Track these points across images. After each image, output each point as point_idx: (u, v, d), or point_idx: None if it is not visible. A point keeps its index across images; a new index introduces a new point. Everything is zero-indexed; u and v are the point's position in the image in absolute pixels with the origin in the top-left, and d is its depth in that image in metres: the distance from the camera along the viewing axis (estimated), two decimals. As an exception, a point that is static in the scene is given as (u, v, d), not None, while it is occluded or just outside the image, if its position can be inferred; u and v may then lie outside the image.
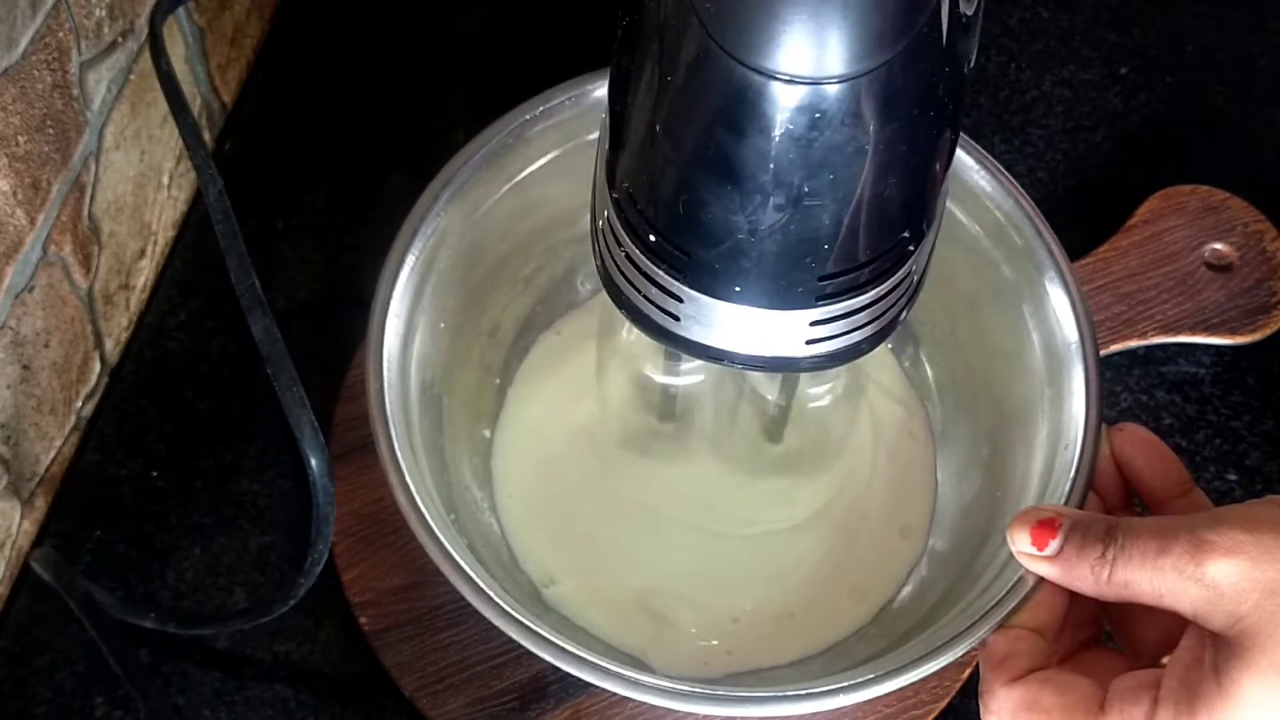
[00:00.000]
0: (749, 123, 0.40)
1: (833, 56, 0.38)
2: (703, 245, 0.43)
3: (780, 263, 0.43)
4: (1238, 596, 0.41)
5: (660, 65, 0.41)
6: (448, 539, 0.51)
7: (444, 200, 0.58)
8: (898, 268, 0.45)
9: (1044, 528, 0.46)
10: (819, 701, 0.49)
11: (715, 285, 0.44)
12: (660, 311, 0.46)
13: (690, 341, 0.47)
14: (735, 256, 0.43)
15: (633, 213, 0.44)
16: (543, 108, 0.60)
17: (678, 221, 0.43)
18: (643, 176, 0.44)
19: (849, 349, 0.47)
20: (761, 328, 0.45)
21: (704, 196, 0.42)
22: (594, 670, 0.49)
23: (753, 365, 0.47)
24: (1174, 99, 0.81)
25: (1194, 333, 0.70)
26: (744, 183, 0.41)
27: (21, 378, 0.61)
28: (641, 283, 0.46)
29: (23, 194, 0.58)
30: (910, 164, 0.42)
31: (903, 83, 0.40)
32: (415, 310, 0.57)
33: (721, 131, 0.40)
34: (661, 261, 0.44)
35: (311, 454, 0.51)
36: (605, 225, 0.47)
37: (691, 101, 0.41)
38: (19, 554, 0.64)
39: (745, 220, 0.42)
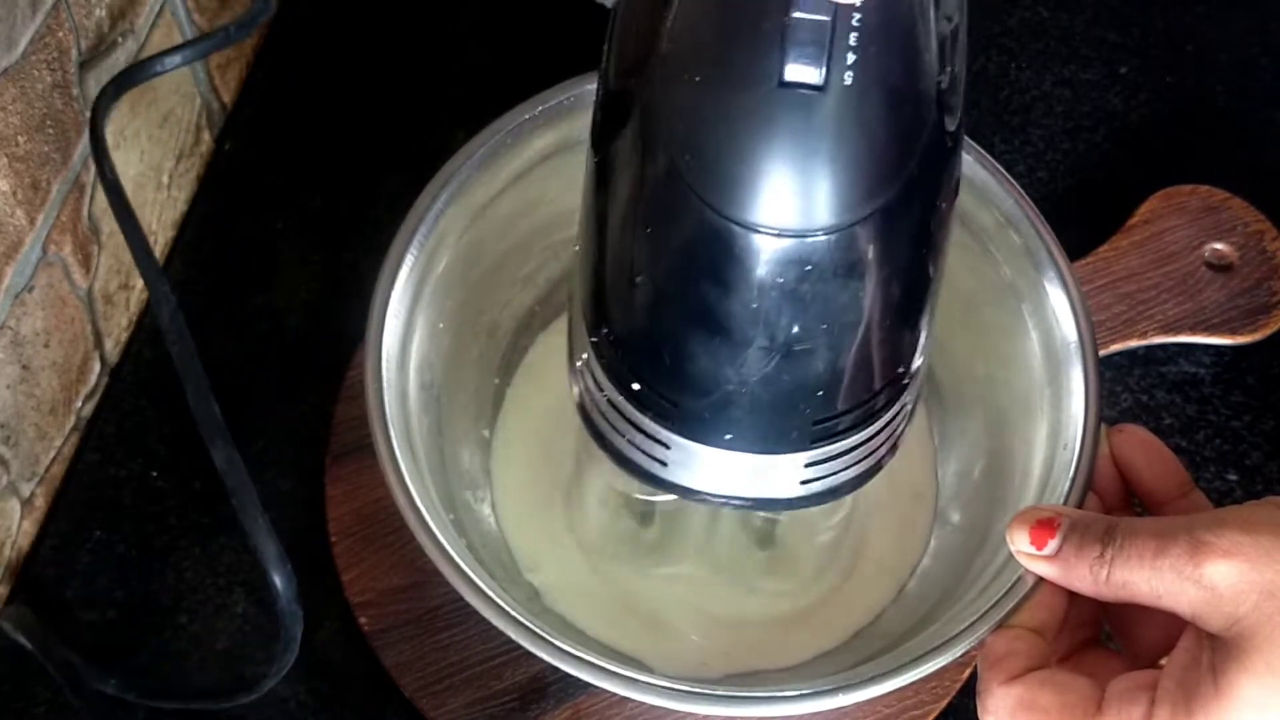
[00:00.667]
0: (737, 275, 0.38)
1: (822, 208, 0.37)
2: (691, 395, 0.42)
3: (773, 410, 0.42)
4: (1236, 598, 0.41)
5: (639, 215, 0.40)
6: (447, 539, 0.51)
7: (443, 200, 0.58)
8: (895, 401, 0.44)
9: (1043, 527, 0.46)
10: (819, 701, 0.49)
11: (705, 433, 0.43)
12: (646, 457, 0.45)
13: (678, 486, 0.45)
14: (725, 406, 0.42)
15: (614, 359, 0.43)
16: (541, 107, 0.60)
17: (663, 372, 0.42)
18: (624, 325, 0.42)
19: (845, 485, 0.46)
20: (754, 471, 0.44)
21: (691, 349, 0.40)
22: (593, 670, 0.49)
23: (743, 507, 0.46)
24: (1174, 99, 0.81)
25: (1194, 333, 0.70)
26: (733, 335, 0.40)
27: (21, 378, 0.61)
28: (625, 428, 0.45)
29: (22, 194, 0.58)
30: (905, 301, 0.41)
31: (895, 225, 0.39)
32: (414, 310, 0.57)
33: (708, 284, 0.39)
34: (647, 409, 0.43)
35: (279, 580, 0.51)
36: (584, 366, 0.46)
37: (675, 253, 0.39)
38: (19, 554, 0.64)
39: (735, 371, 0.41)
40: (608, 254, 0.42)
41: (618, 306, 0.43)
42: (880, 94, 0.37)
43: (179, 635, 0.63)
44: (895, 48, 0.37)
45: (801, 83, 0.36)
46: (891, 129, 0.38)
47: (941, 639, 0.50)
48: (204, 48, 0.63)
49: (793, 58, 0.36)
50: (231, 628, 0.63)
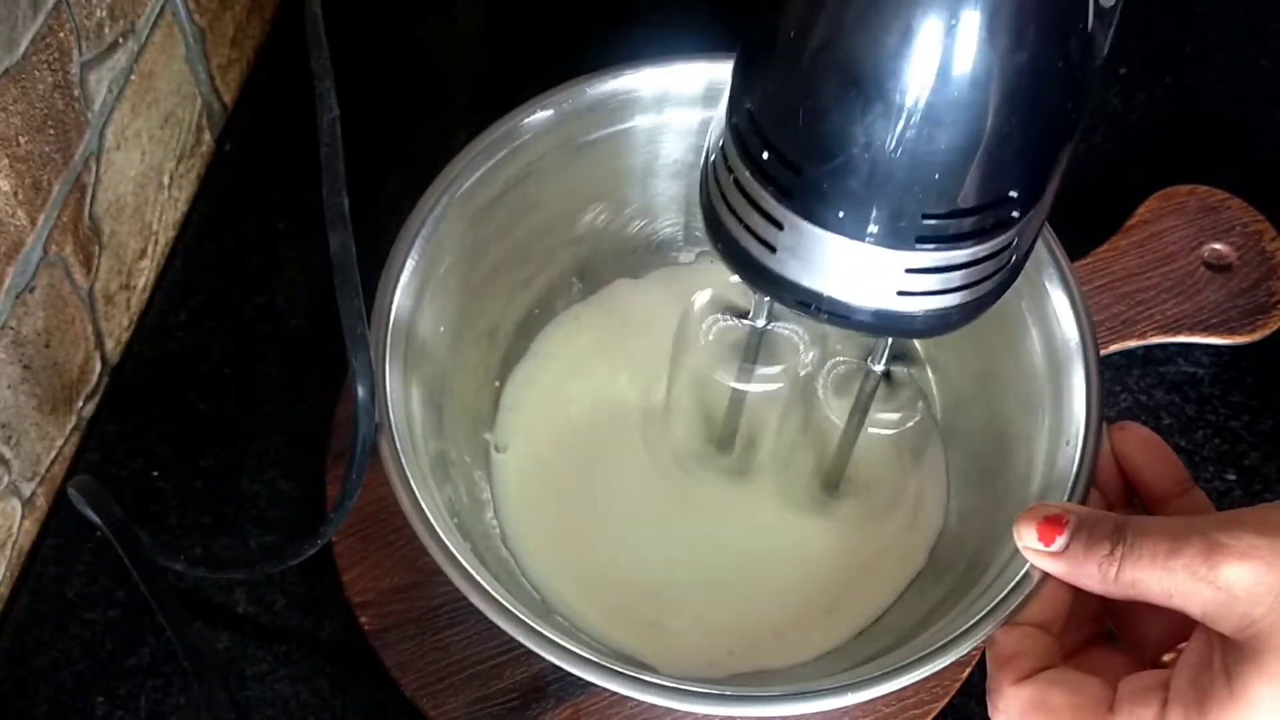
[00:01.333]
0: (882, 25, 0.39)
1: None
2: (815, 159, 0.42)
3: (888, 186, 0.42)
4: (1251, 600, 0.41)
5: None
6: (452, 543, 0.51)
7: (443, 203, 0.58)
8: (999, 230, 0.45)
9: (1051, 524, 0.46)
10: (820, 701, 0.49)
11: (819, 208, 0.43)
12: (758, 242, 0.46)
13: (783, 278, 0.46)
14: (845, 175, 0.42)
15: (749, 132, 0.44)
16: (540, 110, 0.60)
17: (794, 134, 0.42)
18: (766, 87, 0.43)
19: (938, 314, 0.46)
20: (856, 266, 0.44)
21: (825, 102, 0.41)
22: (597, 670, 0.49)
23: (840, 314, 0.46)
24: (1174, 99, 0.81)
25: (1193, 333, 0.70)
26: (867, 89, 0.40)
27: (22, 378, 0.61)
28: (744, 209, 0.45)
29: (24, 194, 0.58)
30: (1034, 109, 0.42)
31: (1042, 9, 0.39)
32: (416, 313, 0.57)
33: (854, 33, 0.40)
34: (769, 183, 0.44)
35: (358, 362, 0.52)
36: (718, 157, 0.46)
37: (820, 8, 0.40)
38: (20, 554, 0.64)
39: (862, 131, 0.41)
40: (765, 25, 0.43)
41: (764, 71, 0.43)
42: None
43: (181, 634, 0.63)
44: None
45: None
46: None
47: (946, 637, 0.49)
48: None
49: None
50: (232, 627, 0.63)
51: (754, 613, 0.62)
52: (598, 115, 0.61)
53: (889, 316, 0.46)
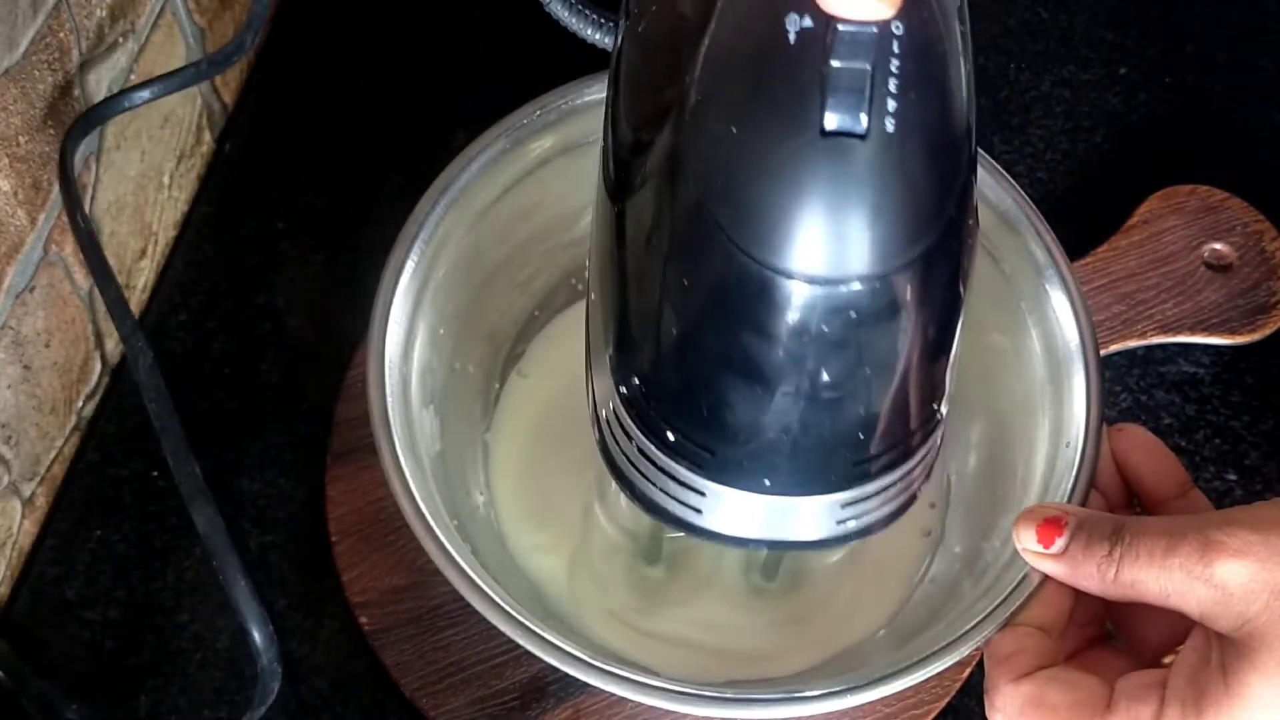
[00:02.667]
0: (780, 325, 0.38)
1: (866, 256, 0.37)
2: (729, 444, 0.41)
3: (812, 455, 0.41)
4: (1246, 598, 0.41)
5: (672, 267, 0.39)
6: (452, 545, 0.51)
7: (443, 205, 0.58)
8: (927, 438, 0.44)
9: (1050, 525, 0.46)
10: (821, 703, 0.49)
11: (742, 479, 0.42)
12: (680, 505, 0.44)
13: (713, 532, 0.45)
14: (764, 452, 0.41)
15: (645, 410, 0.42)
16: (540, 111, 0.60)
17: (700, 422, 0.41)
18: (657, 375, 0.42)
19: (881, 520, 0.46)
20: (791, 514, 0.44)
21: (731, 398, 0.40)
22: (595, 673, 0.49)
23: (781, 549, 0.45)
24: (1174, 99, 0.81)
25: (1193, 333, 0.70)
26: (774, 384, 0.39)
27: (22, 378, 0.61)
28: (658, 477, 0.44)
29: (24, 194, 0.58)
30: (942, 337, 0.41)
31: (935, 268, 0.38)
32: (415, 315, 0.57)
33: (748, 334, 0.38)
34: (681, 458, 0.43)
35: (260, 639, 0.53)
36: (611, 416, 0.45)
37: (715, 305, 0.39)
38: (20, 554, 0.64)
39: (775, 419, 0.40)
40: (634, 304, 0.42)
41: (648, 356, 0.42)
42: (921, 138, 0.37)
43: (180, 634, 0.63)
44: (933, 90, 0.37)
45: (844, 131, 0.36)
46: (933, 173, 0.37)
47: (947, 639, 0.49)
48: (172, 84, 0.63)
49: (833, 106, 0.35)
50: (232, 627, 0.63)
51: (751, 617, 0.62)
52: (596, 116, 0.60)
53: (829, 541, 0.45)
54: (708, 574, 0.63)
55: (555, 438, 0.66)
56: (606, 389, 0.45)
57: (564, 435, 0.66)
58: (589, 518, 0.63)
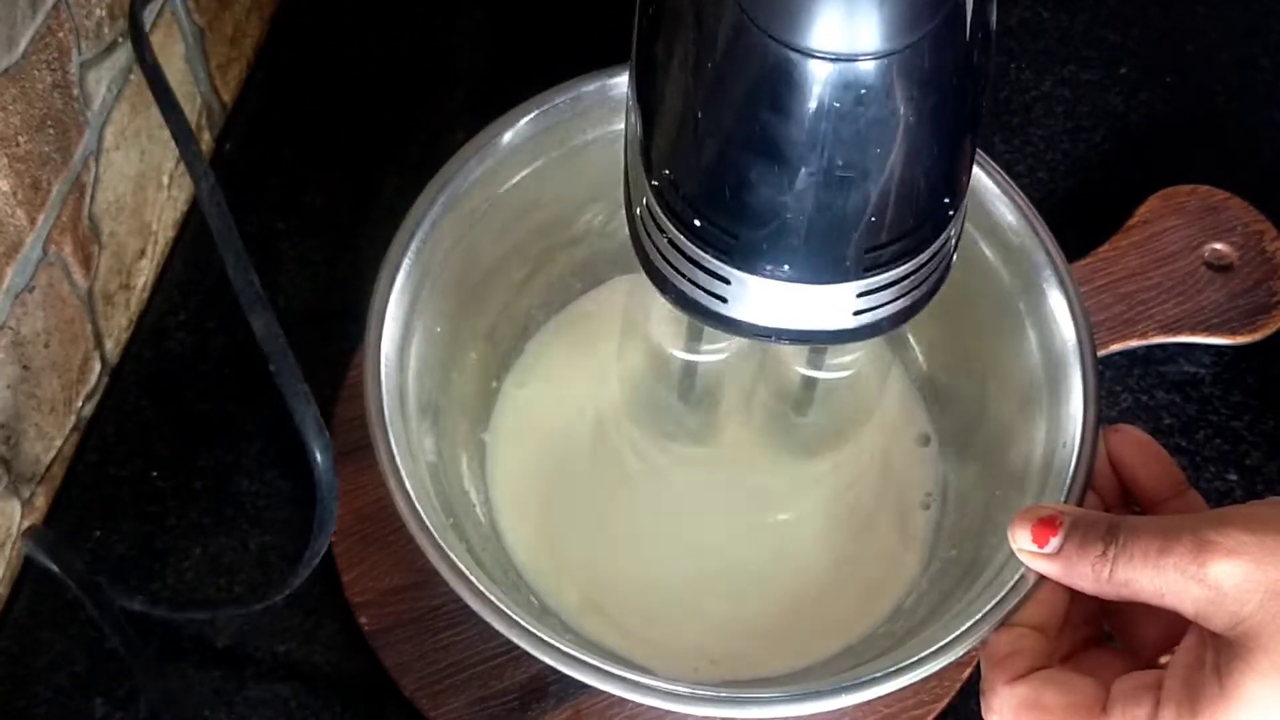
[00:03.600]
0: (793, 102, 0.40)
1: (870, 33, 0.39)
2: (750, 226, 0.43)
3: (827, 238, 0.43)
4: (1240, 597, 0.41)
5: (695, 50, 0.41)
6: (448, 544, 0.51)
7: (440, 204, 0.58)
8: (938, 234, 0.45)
9: (1045, 525, 0.46)
10: (820, 702, 0.49)
11: (763, 264, 0.44)
12: (707, 294, 0.46)
13: (739, 322, 0.46)
14: (782, 235, 0.43)
15: (675, 199, 0.44)
16: (537, 110, 0.60)
17: (723, 204, 0.43)
18: (685, 162, 0.43)
19: (895, 316, 0.47)
20: (809, 303, 0.45)
21: (750, 178, 0.42)
22: (594, 673, 0.49)
23: (800, 340, 0.47)
24: (1174, 99, 0.81)
25: (1194, 333, 0.70)
26: (790, 162, 0.41)
27: (21, 378, 0.61)
28: (687, 267, 0.46)
29: (23, 194, 0.58)
30: (949, 133, 0.43)
31: (939, 56, 0.40)
32: (412, 314, 0.57)
33: (765, 113, 0.40)
34: (707, 245, 0.44)
35: (317, 450, 0.51)
36: (644, 212, 0.47)
37: (733, 85, 0.41)
38: (19, 554, 0.64)
39: (792, 199, 0.42)
40: (665, 96, 0.43)
41: (678, 145, 0.43)
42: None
43: (180, 634, 0.63)
44: None
45: None
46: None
47: (943, 639, 0.49)
48: None
49: None
50: (232, 627, 0.63)
51: (747, 618, 0.62)
52: (595, 115, 0.61)
53: (848, 333, 0.47)
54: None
55: (552, 437, 0.66)
56: (640, 186, 0.46)
57: (561, 434, 0.66)
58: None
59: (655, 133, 0.44)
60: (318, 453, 0.51)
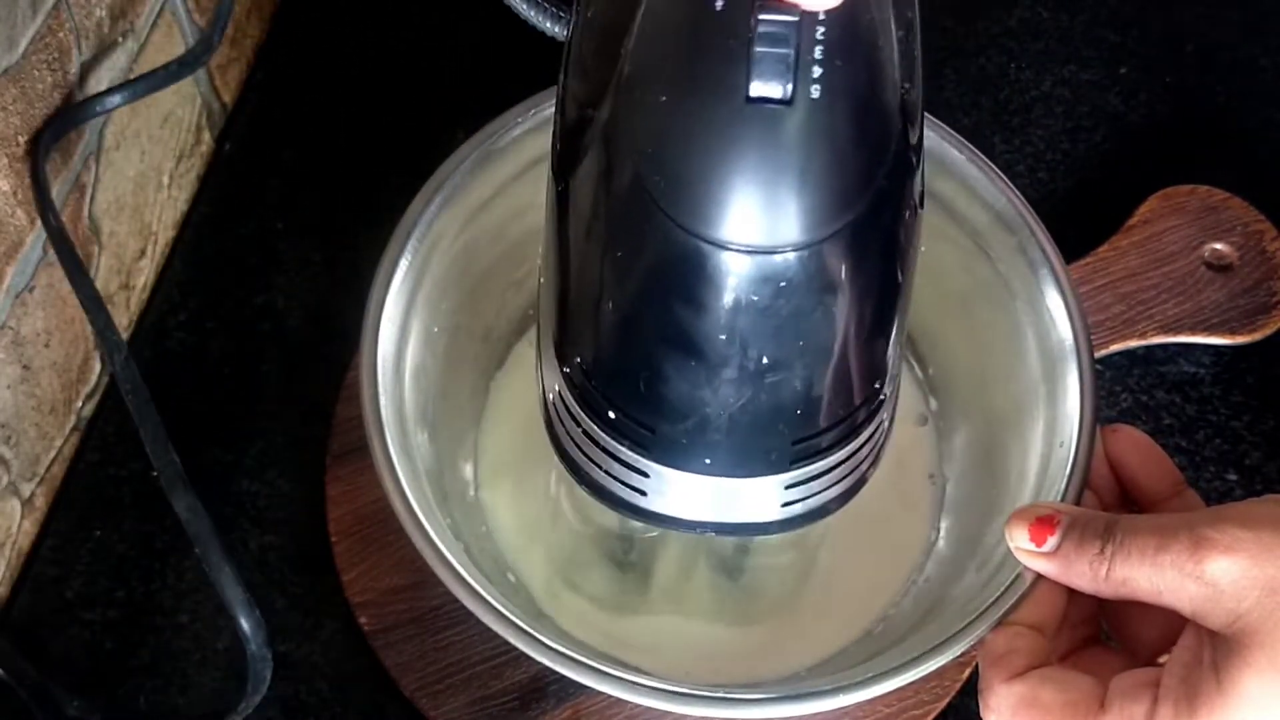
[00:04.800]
0: (709, 295, 0.38)
1: (793, 224, 0.37)
2: (668, 421, 0.41)
3: (751, 432, 0.41)
4: (1237, 594, 0.41)
5: (607, 240, 0.40)
6: (445, 544, 0.51)
7: (436, 205, 0.58)
8: (871, 419, 0.44)
9: (1042, 524, 0.46)
10: (817, 702, 0.49)
11: (683, 459, 0.42)
12: (625, 487, 0.45)
13: (658, 515, 0.45)
14: (703, 430, 0.41)
15: (588, 389, 0.43)
16: (533, 111, 0.60)
17: (638, 398, 0.41)
18: (597, 353, 0.42)
19: (828, 504, 0.46)
20: (734, 497, 0.44)
21: (666, 372, 0.40)
22: (591, 673, 0.49)
23: (726, 533, 0.45)
24: (1174, 99, 0.81)
25: (1194, 333, 0.70)
26: (708, 357, 0.39)
27: (22, 378, 0.61)
28: (603, 459, 0.44)
29: (23, 194, 0.58)
30: (877, 317, 0.41)
31: (866, 239, 0.39)
32: (409, 315, 0.57)
33: (681, 306, 0.39)
34: (623, 438, 0.43)
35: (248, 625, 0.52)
36: (557, 399, 0.45)
37: (646, 276, 0.39)
38: (19, 554, 0.64)
39: (712, 394, 0.40)
40: (574, 282, 0.42)
41: (588, 334, 0.42)
42: (847, 107, 0.37)
43: (180, 634, 0.63)
44: (860, 60, 0.37)
45: (768, 98, 0.36)
46: (859, 141, 0.38)
47: (941, 638, 0.49)
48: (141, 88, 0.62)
49: (758, 74, 0.36)
50: (232, 627, 0.63)
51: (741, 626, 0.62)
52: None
53: (775, 525, 0.45)
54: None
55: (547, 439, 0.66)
56: (553, 372, 0.45)
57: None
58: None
59: (566, 322, 0.43)
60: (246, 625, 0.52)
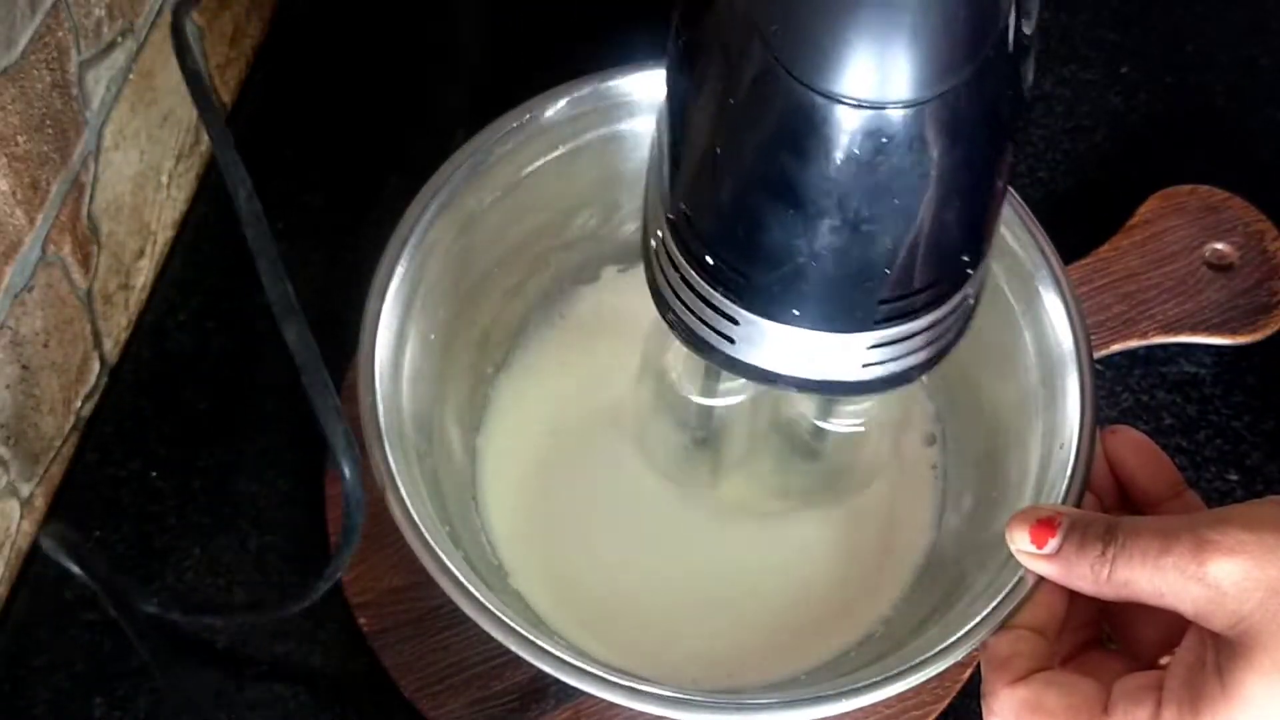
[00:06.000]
0: (813, 147, 0.39)
1: (900, 81, 0.38)
2: (761, 268, 0.42)
3: (839, 287, 0.42)
4: (1240, 596, 0.41)
5: (722, 87, 0.41)
6: (444, 551, 0.51)
7: (433, 210, 0.58)
8: (956, 291, 0.45)
9: (1043, 526, 0.46)
10: (820, 707, 0.49)
11: (772, 308, 0.43)
12: (715, 334, 0.45)
13: (745, 364, 0.46)
14: (794, 280, 0.42)
15: (689, 235, 0.44)
16: (530, 115, 0.59)
17: (736, 244, 0.42)
18: (702, 199, 0.43)
19: (905, 372, 0.46)
20: (818, 351, 0.44)
21: (764, 220, 0.41)
22: (589, 679, 0.49)
23: (806, 388, 0.46)
24: (1174, 99, 0.80)
25: (1194, 333, 0.70)
26: (806, 207, 0.40)
27: (21, 378, 0.61)
28: (696, 304, 0.45)
29: (22, 193, 0.58)
30: (974, 189, 0.42)
31: (969, 108, 0.39)
32: (406, 322, 0.57)
33: (785, 155, 0.39)
34: (718, 284, 0.44)
35: (345, 464, 0.50)
36: (659, 246, 0.46)
37: (755, 124, 0.40)
38: (19, 554, 0.64)
39: (806, 244, 0.41)
40: (689, 130, 0.43)
41: (696, 180, 0.43)
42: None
43: (179, 635, 0.63)
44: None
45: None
46: (970, 10, 0.38)
47: (943, 642, 0.49)
48: None
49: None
50: (232, 627, 0.63)
51: (742, 631, 0.62)
52: (589, 119, 0.60)
53: (856, 385, 0.46)
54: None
55: (545, 442, 0.66)
56: (657, 216, 0.46)
57: (554, 439, 0.66)
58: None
59: (676, 165, 0.44)
60: (346, 469, 0.50)
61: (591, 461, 0.65)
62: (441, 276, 0.59)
